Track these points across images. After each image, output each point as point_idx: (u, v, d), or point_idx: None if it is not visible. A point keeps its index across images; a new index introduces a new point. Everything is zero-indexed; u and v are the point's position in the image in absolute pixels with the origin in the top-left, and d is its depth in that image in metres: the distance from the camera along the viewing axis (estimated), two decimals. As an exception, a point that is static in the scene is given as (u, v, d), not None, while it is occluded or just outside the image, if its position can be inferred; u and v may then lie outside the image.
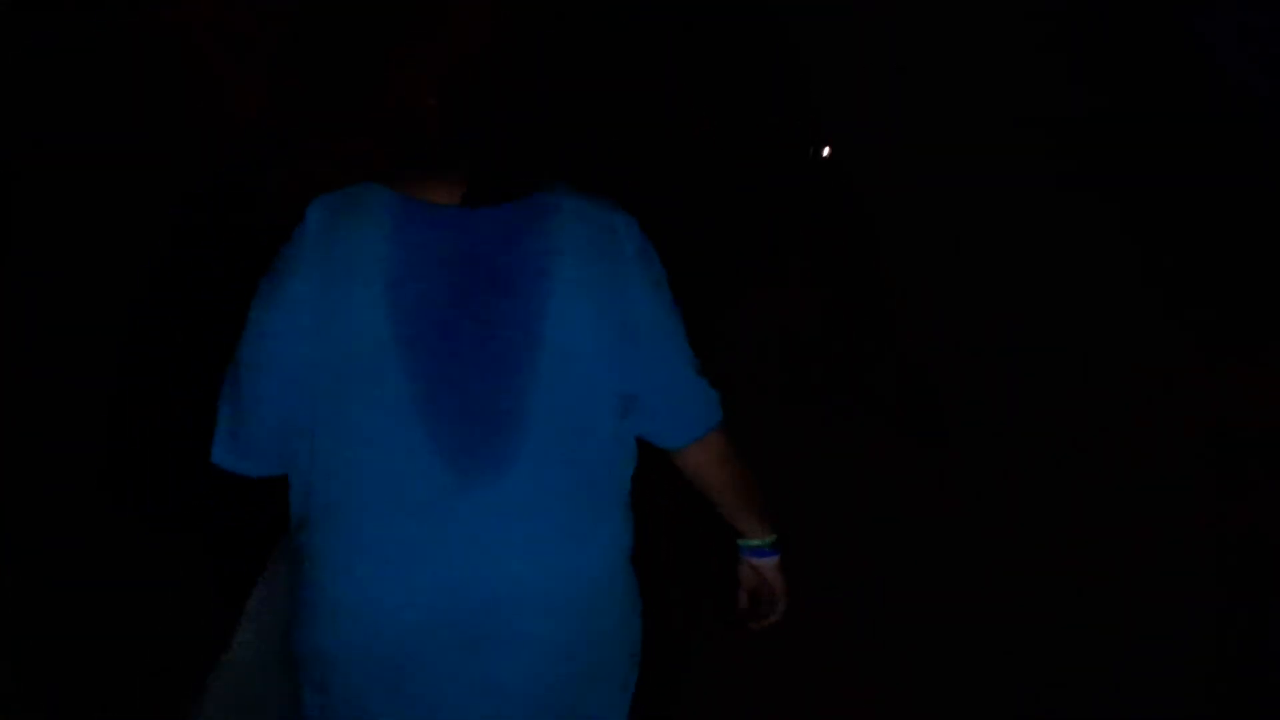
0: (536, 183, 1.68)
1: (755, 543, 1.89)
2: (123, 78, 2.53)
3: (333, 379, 1.58)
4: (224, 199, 2.63)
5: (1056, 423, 2.97)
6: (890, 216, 3.37)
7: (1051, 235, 3.02)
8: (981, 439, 3.07)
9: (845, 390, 3.37)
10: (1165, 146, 2.88)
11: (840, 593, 2.87)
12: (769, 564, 1.90)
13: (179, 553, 2.32)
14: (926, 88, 3.21)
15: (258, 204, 2.70)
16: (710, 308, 3.17)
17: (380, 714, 1.60)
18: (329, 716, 1.63)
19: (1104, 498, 2.85)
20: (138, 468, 2.34)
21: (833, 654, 2.78)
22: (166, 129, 2.54)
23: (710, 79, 3.45)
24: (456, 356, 1.57)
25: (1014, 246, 3.06)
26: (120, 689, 2.31)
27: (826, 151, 3.43)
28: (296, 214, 1.66)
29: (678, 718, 2.71)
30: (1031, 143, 3.06)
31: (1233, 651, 2.61)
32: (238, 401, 1.64)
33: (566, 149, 1.82)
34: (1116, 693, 2.62)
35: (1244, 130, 2.87)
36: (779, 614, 1.93)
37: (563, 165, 1.73)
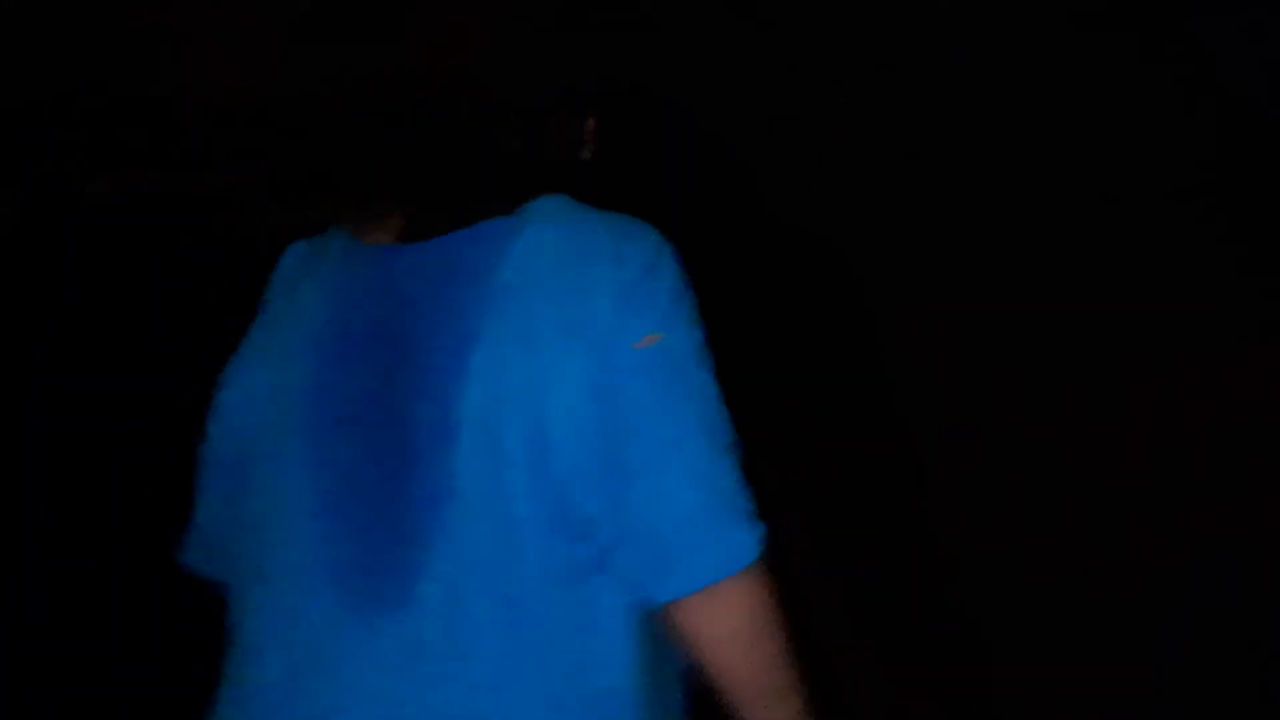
0: (510, 202, 1.24)
1: None
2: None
3: (250, 476, 1.30)
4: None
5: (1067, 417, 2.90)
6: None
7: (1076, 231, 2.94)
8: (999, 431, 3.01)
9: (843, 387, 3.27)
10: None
11: (841, 593, 2.85)
12: None
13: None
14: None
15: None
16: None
17: None
18: None
19: (1137, 491, 2.78)
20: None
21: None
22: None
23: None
24: (366, 446, 1.21)
25: (1047, 241, 2.96)
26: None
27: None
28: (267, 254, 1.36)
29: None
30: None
31: (1245, 655, 2.61)
32: (197, 490, 1.37)
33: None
34: (1123, 693, 2.63)
35: (1244, 130, 2.87)
36: None
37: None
